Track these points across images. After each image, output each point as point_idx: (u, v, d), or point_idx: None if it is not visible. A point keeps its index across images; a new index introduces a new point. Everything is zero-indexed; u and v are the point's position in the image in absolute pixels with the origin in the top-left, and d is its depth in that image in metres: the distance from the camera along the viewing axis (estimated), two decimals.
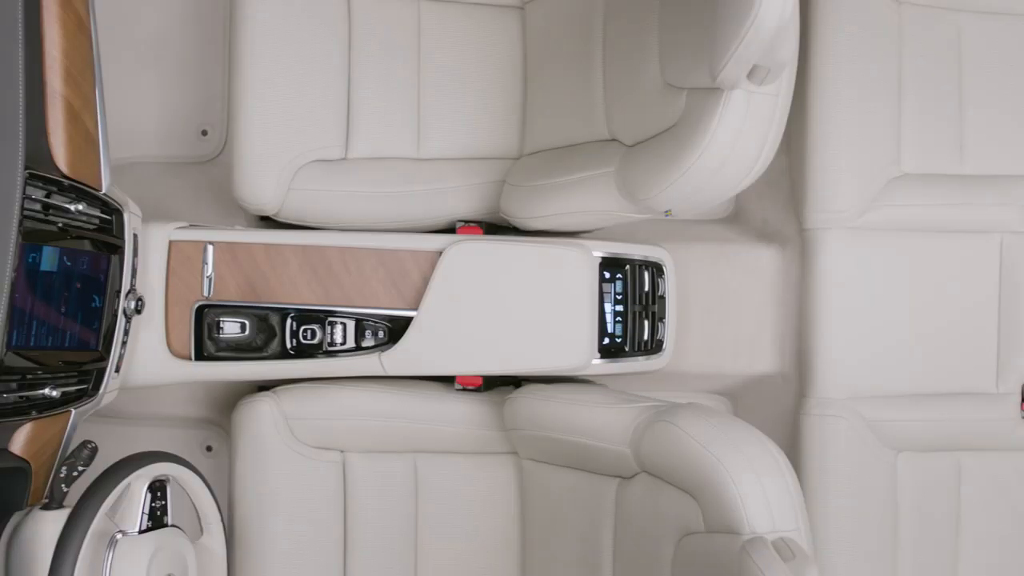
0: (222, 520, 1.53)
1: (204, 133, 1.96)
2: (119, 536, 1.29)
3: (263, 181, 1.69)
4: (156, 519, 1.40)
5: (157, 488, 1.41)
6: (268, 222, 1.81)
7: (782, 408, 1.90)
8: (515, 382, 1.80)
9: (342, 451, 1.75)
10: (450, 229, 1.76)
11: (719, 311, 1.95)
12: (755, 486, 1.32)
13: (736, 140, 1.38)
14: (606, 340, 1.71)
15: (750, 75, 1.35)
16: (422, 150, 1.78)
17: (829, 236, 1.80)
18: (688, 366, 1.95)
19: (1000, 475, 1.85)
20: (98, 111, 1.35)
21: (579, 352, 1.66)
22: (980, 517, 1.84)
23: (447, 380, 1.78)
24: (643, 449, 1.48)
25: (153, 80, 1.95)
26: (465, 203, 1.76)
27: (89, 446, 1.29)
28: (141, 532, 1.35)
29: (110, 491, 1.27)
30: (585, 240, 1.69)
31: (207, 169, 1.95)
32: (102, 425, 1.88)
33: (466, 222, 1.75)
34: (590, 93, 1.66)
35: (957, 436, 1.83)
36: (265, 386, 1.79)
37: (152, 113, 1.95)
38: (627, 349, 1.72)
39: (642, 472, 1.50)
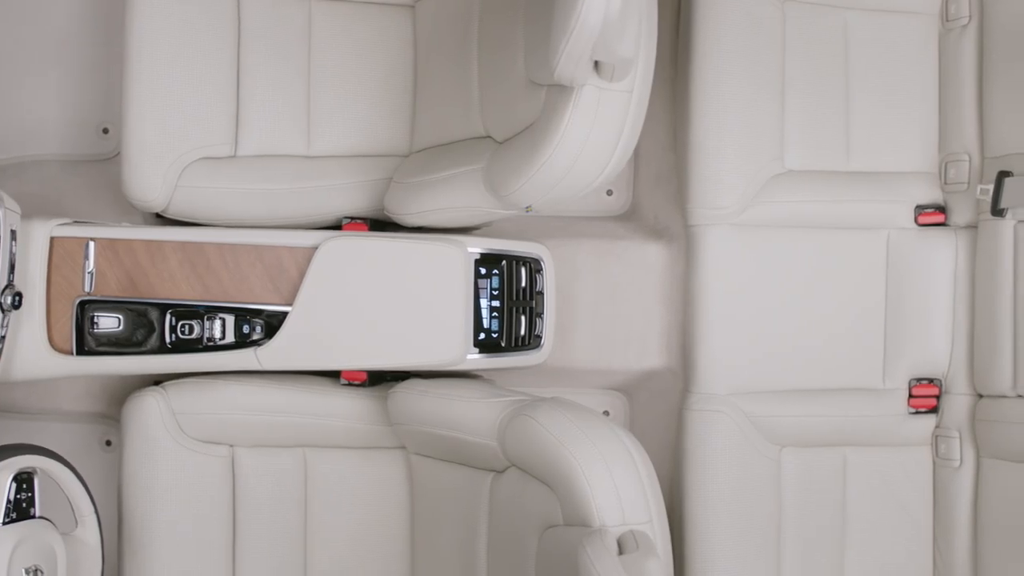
0: (95, 512, 1.55)
1: (105, 131, 1.99)
2: None
3: (150, 178, 1.71)
4: (21, 511, 1.42)
5: (23, 480, 1.43)
6: (164, 220, 1.83)
7: (674, 403, 1.92)
8: (402, 377, 1.81)
9: (231, 445, 1.77)
10: (339, 226, 1.78)
11: (608, 307, 1.97)
12: (606, 479, 1.34)
13: (589, 136, 1.39)
14: (482, 335, 1.72)
15: (600, 72, 1.37)
16: (312, 147, 1.80)
17: (712, 232, 1.81)
18: (578, 362, 1.97)
19: (886, 470, 1.85)
20: None
21: (453, 347, 1.68)
22: (866, 512, 1.85)
23: (334, 375, 1.79)
24: (507, 443, 1.50)
25: (55, 78, 1.97)
26: (353, 200, 1.77)
27: None
28: (4, 524, 1.37)
29: None
30: (461, 236, 1.71)
31: (107, 167, 1.97)
32: None
33: (352, 219, 1.77)
34: (467, 90, 1.68)
35: (843, 431, 1.84)
36: (160, 380, 1.81)
37: (54, 111, 1.97)
38: (503, 344, 1.74)
39: (512, 466, 1.51)
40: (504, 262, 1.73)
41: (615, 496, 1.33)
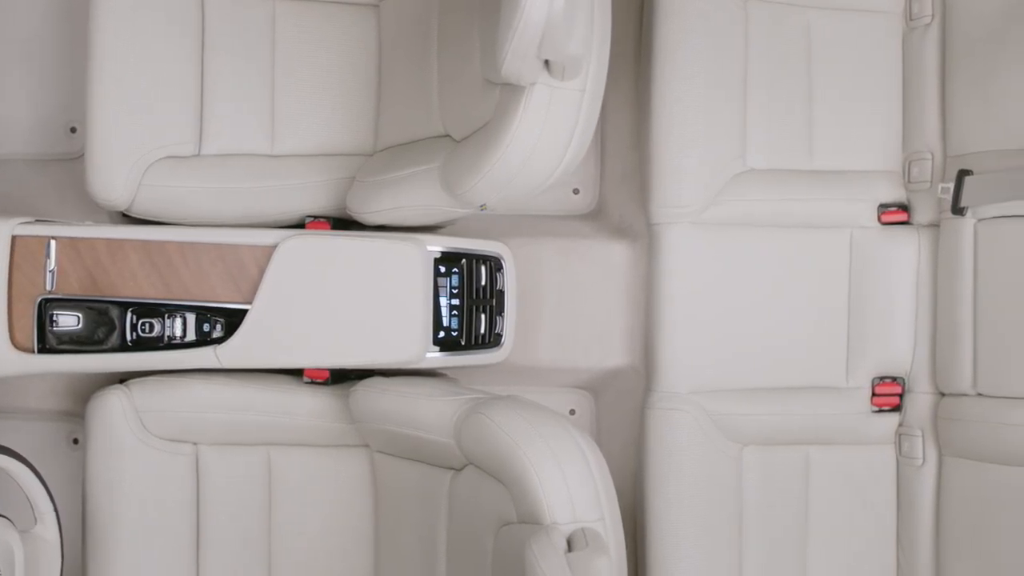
0: (55, 509, 1.55)
1: (72, 130, 1.99)
2: None
3: (113, 177, 1.72)
4: None
5: None
6: (131, 219, 1.83)
7: (640, 402, 1.92)
8: (365, 375, 1.82)
9: (194, 443, 1.77)
10: (303, 225, 1.78)
11: (573, 306, 1.97)
12: (557, 477, 1.34)
13: (541, 134, 1.40)
14: (441, 333, 1.73)
15: (551, 71, 1.37)
16: (276, 147, 1.81)
17: (673, 231, 1.82)
18: (543, 361, 1.97)
19: (849, 468, 1.85)
20: None
21: (412, 345, 1.68)
22: (829, 510, 1.85)
23: (298, 373, 1.80)
24: (463, 441, 1.50)
25: (21, 77, 1.98)
26: (317, 199, 1.78)
27: None
28: None
29: None
30: (422, 235, 1.71)
31: (74, 166, 1.97)
32: None
33: (316, 218, 1.78)
34: (427, 90, 1.68)
35: (805, 430, 1.84)
36: (126, 379, 1.81)
37: (20, 110, 1.98)
38: (463, 343, 1.74)
39: (470, 464, 1.52)
40: (464, 260, 1.74)
41: (566, 494, 1.34)
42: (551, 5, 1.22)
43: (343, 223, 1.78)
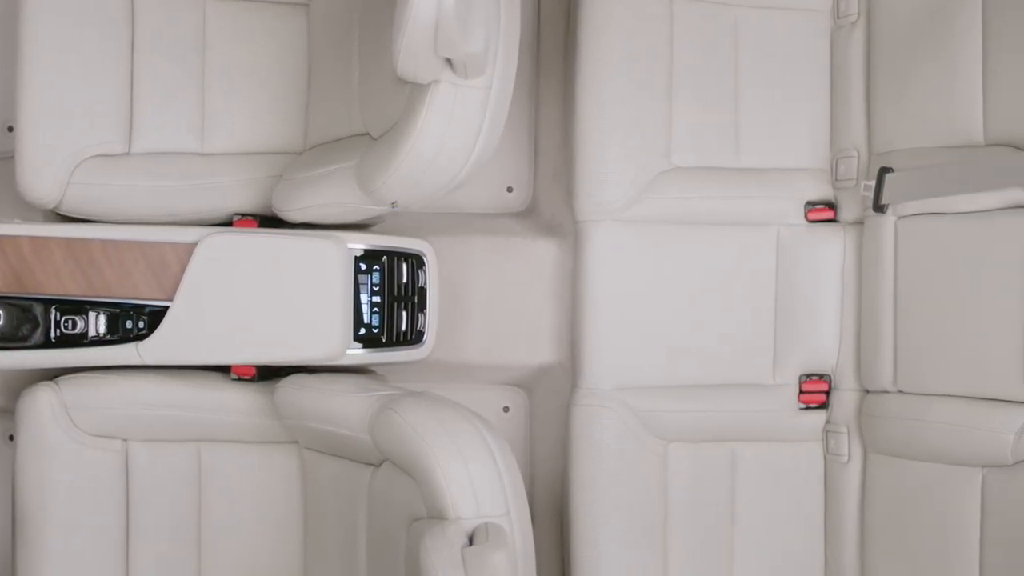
0: None
1: (10, 129, 2.00)
2: None
3: (41, 175, 1.74)
4: None
5: None
6: (66, 217, 1.84)
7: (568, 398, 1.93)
8: (293, 372, 1.82)
9: (124, 440, 1.78)
10: (231, 223, 1.79)
11: (502, 303, 1.98)
12: (461, 472, 1.36)
13: (446, 132, 1.41)
14: (363, 330, 1.74)
15: (454, 69, 1.38)
16: (206, 145, 1.82)
17: (598, 228, 1.82)
18: (474, 358, 1.98)
19: (776, 466, 1.86)
20: None
21: (331, 342, 1.69)
22: (756, 506, 1.85)
23: (226, 370, 1.81)
24: (377, 437, 1.52)
25: None
26: (246, 197, 1.79)
27: None
28: None
29: None
30: (343, 232, 1.72)
31: (10, 164, 1.99)
32: None
33: (244, 215, 1.79)
34: (350, 88, 1.70)
35: (732, 427, 1.84)
36: (59, 375, 1.83)
37: None
38: (384, 340, 1.75)
39: (387, 460, 1.53)
40: (384, 258, 1.75)
41: (470, 489, 1.35)
42: (440, 4, 1.23)
43: (272, 221, 1.79)
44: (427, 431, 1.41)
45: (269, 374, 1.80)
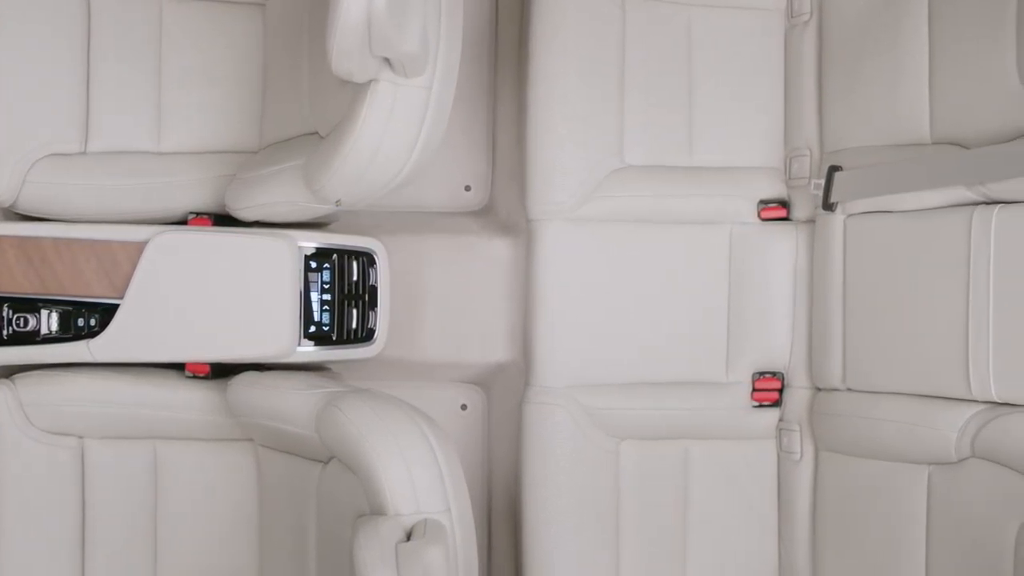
0: None
1: None
2: None
3: None
4: None
5: None
6: (23, 216, 1.86)
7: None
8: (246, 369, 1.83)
9: (80, 437, 1.79)
10: (186, 221, 1.80)
11: (457, 302, 1.99)
12: (400, 468, 1.37)
13: (386, 131, 1.42)
14: (313, 328, 1.74)
15: (393, 68, 1.39)
16: (162, 144, 1.83)
17: (549, 227, 1.83)
18: (430, 356, 1.99)
19: (729, 464, 1.86)
20: None
21: (281, 339, 1.70)
22: (708, 504, 1.86)
23: (181, 367, 1.82)
24: (322, 433, 1.52)
25: None
26: (201, 196, 1.80)
27: None
28: None
29: None
30: (294, 231, 1.73)
31: None
32: None
33: (198, 214, 1.80)
34: (301, 87, 1.70)
35: (684, 425, 1.85)
36: (14, 372, 1.83)
37: None
38: (335, 337, 1.76)
39: (334, 457, 1.54)
40: (335, 256, 1.76)
41: (409, 485, 1.36)
42: (371, 3, 1.23)
43: (227, 220, 1.80)
44: (368, 427, 1.42)
45: (223, 372, 1.81)
